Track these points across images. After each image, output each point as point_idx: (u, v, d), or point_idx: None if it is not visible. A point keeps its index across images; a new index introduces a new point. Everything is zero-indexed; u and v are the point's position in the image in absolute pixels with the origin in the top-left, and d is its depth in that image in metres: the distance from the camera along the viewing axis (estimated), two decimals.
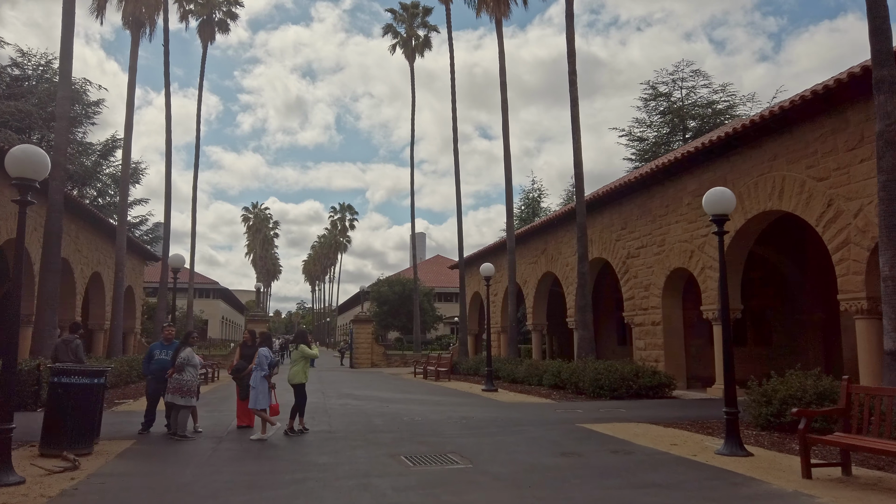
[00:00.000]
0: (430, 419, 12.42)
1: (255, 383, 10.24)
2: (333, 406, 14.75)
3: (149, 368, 10.65)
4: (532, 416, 12.88)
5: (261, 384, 10.28)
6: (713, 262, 16.80)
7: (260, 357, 10.44)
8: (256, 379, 10.27)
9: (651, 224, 19.65)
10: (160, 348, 10.64)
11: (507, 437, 10.32)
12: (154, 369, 10.52)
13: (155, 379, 10.53)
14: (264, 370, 10.36)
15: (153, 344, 10.98)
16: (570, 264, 25.01)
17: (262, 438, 9.90)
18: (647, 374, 16.48)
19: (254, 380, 10.29)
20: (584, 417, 12.57)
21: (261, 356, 10.45)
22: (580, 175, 19.98)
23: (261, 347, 10.64)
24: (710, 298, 16.97)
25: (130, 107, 23.71)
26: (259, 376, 10.29)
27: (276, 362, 10.84)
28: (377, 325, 60.06)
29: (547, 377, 19.56)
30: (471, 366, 27.94)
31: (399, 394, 18.46)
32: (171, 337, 10.77)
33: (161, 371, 10.38)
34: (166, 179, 31.38)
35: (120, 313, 22.88)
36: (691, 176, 17.82)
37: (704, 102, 42.44)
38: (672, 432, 10.65)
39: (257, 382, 10.25)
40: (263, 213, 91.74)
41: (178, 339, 10.81)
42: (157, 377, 10.47)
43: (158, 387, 10.46)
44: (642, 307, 20.04)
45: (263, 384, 10.32)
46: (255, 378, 10.29)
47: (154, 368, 10.52)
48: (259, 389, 10.22)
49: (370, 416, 12.83)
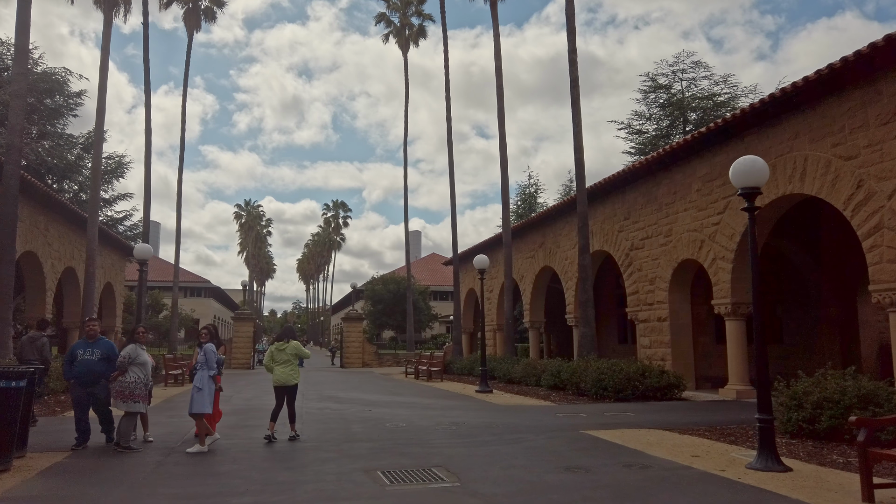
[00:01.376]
0: (416, 425, 11.09)
1: (202, 384, 8.87)
2: (310, 410, 13.39)
3: (71, 372, 8.91)
4: (530, 421, 11.55)
5: (208, 385, 8.92)
6: (725, 252, 15.50)
7: (207, 354, 9.06)
8: (203, 379, 8.90)
9: (657, 213, 18.34)
10: (84, 347, 8.97)
11: (503, 446, 9.00)
12: (78, 372, 8.85)
13: (81, 383, 8.86)
14: (212, 369, 9.00)
15: (75, 343, 9.26)
16: (569, 258, 23.71)
17: (202, 451, 8.54)
18: (654, 373, 15.18)
19: (199, 380, 8.92)
20: (589, 423, 11.25)
21: (208, 353, 9.07)
22: (581, 161, 18.67)
23: (207, 344, 9.26)
24: (722, 291, 15.67)
25: (103, 91, 22.31)
26: (206, 376, 8.93)
27: (223, 361, 9.47)
28: (371, 323, 58.81)
29: (546, 377, 18.24)
30: (465, 365, 26.62)
31: (386, 396, 17.11)
32: (96, 333, 9.15)
33: (87, 374, 8.83)
34: (146, 172, 29.98)
35: (91, 310, 21.48)
36: (701, 160, 16.52)
37: (705, 94, 41.20)
38: (690, 441, 9.34)
39: (204, 383, 8.88)
40: (256, 210, 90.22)
41: None
42: (84, 381, 8.84)
43: (85, 393, 8.88)
44: (647, 302, 18.74)
45: (211, 386, 8.96)
46: (200, 378, 8.93)
47: (78, 371, 8.85)
48: (205, 391, 8.86)
49: (349, 423, 11.48)
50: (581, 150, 18.63)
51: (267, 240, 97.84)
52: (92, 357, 8.83)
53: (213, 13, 39.70)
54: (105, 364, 8.87)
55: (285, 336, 10.38)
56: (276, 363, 10.21)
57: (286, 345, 10.41)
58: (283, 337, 10.39)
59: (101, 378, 8.83)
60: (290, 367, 10.27)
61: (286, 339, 10.39)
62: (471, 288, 35.54)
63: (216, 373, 9.04)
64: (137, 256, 17.82)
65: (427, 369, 24.32)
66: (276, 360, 10.24)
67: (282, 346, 10.39)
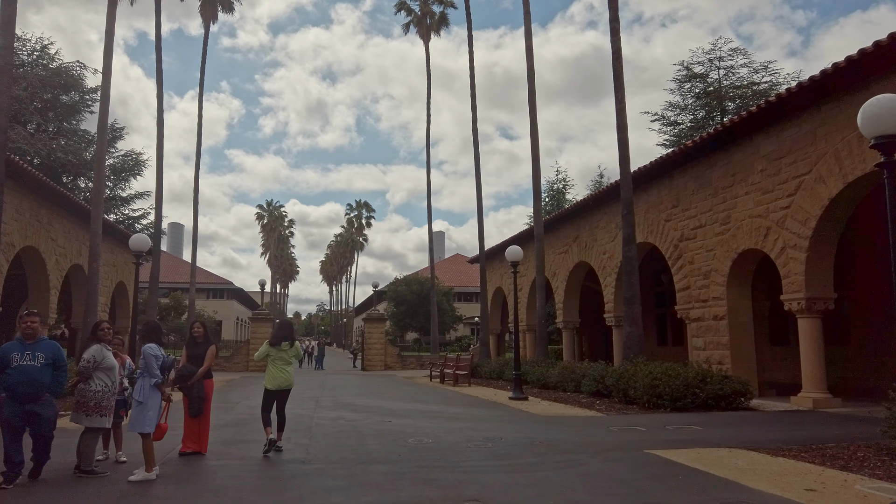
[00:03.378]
0: (443, 441, 9.29)
1: (143, 396, 7.04)
2: (322, 421, 11.67)
3: (1, 382, 6.57)
4: (580, 437, 9.68)
5: (151, 397, 7.05)
6: (798, 240, 13.45)
7: (146, 357, 7.21)
8: (144, 391, 7.07)
9: (712, 199, 16.32)
10: (21, 350, 6.65)
11: (552, 472, 7.17)
12: (12, 383, 6.50)
13: (14, 398, 6.50)
14: (155, 377, 7.13)
15: (6, 345, 6.83)
16: (608, 251, 21.74)
17: (148, 478, 6.77)
18: (716, 379, 13.19)
19: (139, 392, 7.13)
20: (652, 439, 9.35)
21: (147, 356, 7.22)
22: (625, 141, 16.73)
23: (147, 345, 7.43)
24: (794, 285, 13.62)
25: (107, 75, 20.94)
26: (147, 386, 7.09)
27: (171, 363, 7.45)
28: (394, 325, 57.21)
29: (586, 382, 16.33)
30: (493, 368, 24.77)
31: (408, 403, 15.33)
32: (35, 332, 6.78)
33: (26, 385, 6.53)
34: (158, 168, 28.69)
35: (94, 309, 20.09)
36: (766, 136, 14.49)
37: (745, 83, 38.86)
38: (790, 466, 7.40)
39: (145, 395, 7.03)
40: (278, 210, 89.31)
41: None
42: (20, 395, 6.50)
43: (21, 411, 6.53)
44: (701, 298, 16.71)
45: (155, 397, 7.08)
46: (140, 389, 7.13)
47: (12, 382, 6.50)
48: (148, 404, 6.99)
49: (364, 437, 9.72)
50: (625, 128, 16.69)
51: (289, 241, 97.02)
52: (33, 363, 6.61)
53: (231, 4, 38.46)
54: (49, 373, 6.76)
55: (287, 337, 8.71)
56: (275, 363, 8.58)
57: (290, 347, 8.75)
58: (285, 338, 8.70)
59: (44, 391, 6.71)
60: (291, 367, 8.70)
61: (289, 340, 8.73)
62: (498, 287, 33.69)
63: (160, 381, 7.12)
64: (133, 248, 16.32)
65: (453, 373, 22.53)
66: (277, 360, 8.61)
67: (285, 347, 8.71)
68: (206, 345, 8.59)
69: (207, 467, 7.53)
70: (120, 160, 41.19)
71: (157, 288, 27.44)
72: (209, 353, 8.53)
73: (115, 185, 41.19)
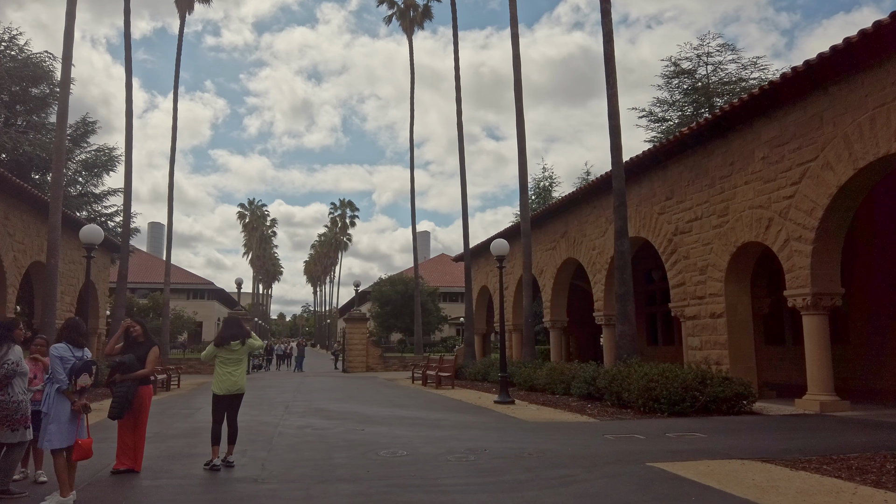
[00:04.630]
0: (420, 454, 8.23)
1: (48, 406, 5.94)
2: (287, 429, 10.56)
3: None
4: (573, 447, 8.67)
5: (58, 406, 5.90)
6: (803, 232, 12.55)
7: (52, 360, 6.18)
8: (49, 399, 5.96)
9: (709, 189, 15.42)
10: None
11: (545, 491, 6.15)
12: None
13: None
14: (59, 382, 5.97)
15: None
16: (597, 247, 20.80)
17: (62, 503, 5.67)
18: (716, 381, 12.25)
19: (45, 403, 6.03)
20: (653, 449, 8.36)
21: (52, 357, 6.19)
22: (616, 129, 15.78)
23: (53, 345, 6.34)
24: (798, 280, 12.72)
25: (67, 60, 19.66)
26: (54, 394, 5.98)
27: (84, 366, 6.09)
28: (378, 326, 55.98)
29: (576, 385, 15.36)
30: (478, 370, 23.75)
31: (386, 408, 14.24)
32: None
33: None
34: (126, 161, 27.36)
35: (52, 309, 18.84)
36: (768, 121, 13.59)
37: (733, 79, 38.20)
38: (814, 481, 6.44)
39: (52, 405, 5.91)
40: (260, 209, 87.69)
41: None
42: None
43: None
44: (697, 295, 15.80)
45: (63, 406, 5.92)
46: (45, 398, 6.04)
47: None
48: (55, 415, 5.86)
49: (332, 449, 8.63)
50: (617, 115, 15.74)
51: (272, 240, 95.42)
52: None
53: None
54: None
55: (236, 335, 7.62)
56: (224, 365, 7.50)
57: (241, 346, 7.67)
58: (233, 336, 7.62)
59: None
60: (242, 368, 7.63)
61: (239, 338, 7.65)
62: (483, 285, 32.68)
63: (65, 387, 5.95)
64: (84, 240, 15.13)
65: (436, 374, 21.49)
66: (227, 361, 7.54)
67: (235, 346, 7.64)
68: (146, 346, 7.47)
69: (140, 489, 6.43)
70: (92, 155, 39.69)
71: (126, 287, 26.12)
72: (150, 355, 7.41)
73: (86, 181, 39.73)
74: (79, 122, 39.14)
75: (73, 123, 39.01)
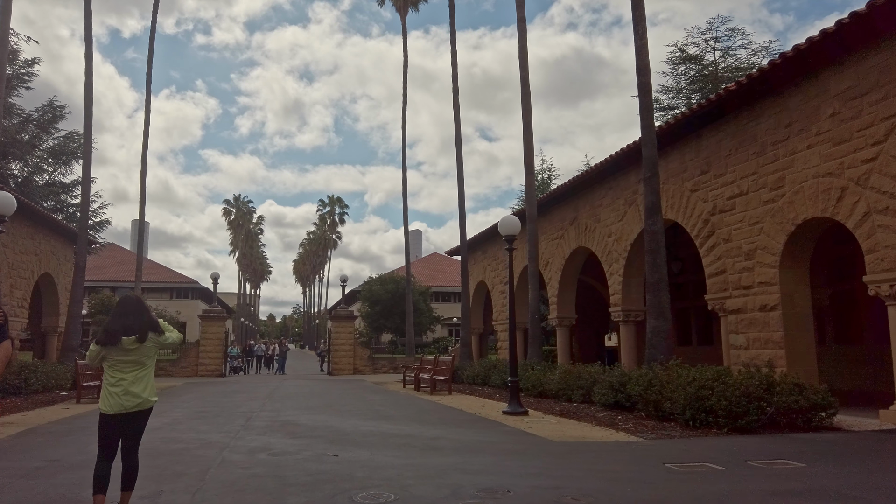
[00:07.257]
0: (413, 499, 5.63)
1: None
2: (234, 455, 7.89)
3: None
4: (635, 488, 6.09)
5: None
6: (889, 202, 10.08)
7: None
8: None
9: (757, 158, 12.93)
10: None
11: None
12: None
13: None
14: None
15: None
16: (614, 233, 18.29)
17: None
18: (786, 388, 9.74)
19: None
20: (746, 490, 5.80)
21: None
22: (646, 85, 13.27)
23: None
24: (884, 263, 10.23)
25: (7, 13, 16.97)
26: None
27: None
28: (369, 326, 53.26)
29: (600, 391, 12.83)
30: (477, 373, 21.21)
31: (370, 421, 11.59)
32: None
33: None
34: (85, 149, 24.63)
35: None
36: (839, 70, 11.12)
37: (743, 65, 35.90)
38: None
39: None
40: (246, 205, 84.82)
41: None
42: None
43: None
44: (742, 285, 13.30)
45: None
46: None
47: None
48: None
49: (286, 489, 6.00)
50: (647, 70, 13.22)
51: (259, 238, 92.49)
52: None
53: None
54: None
55: (131, 328, 5.02)
56: (114, 370, 4.94)
57: (137, 345, 5.06)
58: (127, 331, 5.00)
59: None
60: (145, 374, 5.06)
61: (136, 333, 5.04)
62: (480, 281, 30.13)
63: None
64: None
65: (431, 378, 18.91)
66: (119, 365, 4.96)
67: (130, 345, 5.03)
68: None
69: None
70: (60, 142, 36.92)
71: (83, 280, 23.40)
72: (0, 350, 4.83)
73: (54, 170, 36.97)
74: (45, 106, 36.38)
75: (40, 107, 36.28)
